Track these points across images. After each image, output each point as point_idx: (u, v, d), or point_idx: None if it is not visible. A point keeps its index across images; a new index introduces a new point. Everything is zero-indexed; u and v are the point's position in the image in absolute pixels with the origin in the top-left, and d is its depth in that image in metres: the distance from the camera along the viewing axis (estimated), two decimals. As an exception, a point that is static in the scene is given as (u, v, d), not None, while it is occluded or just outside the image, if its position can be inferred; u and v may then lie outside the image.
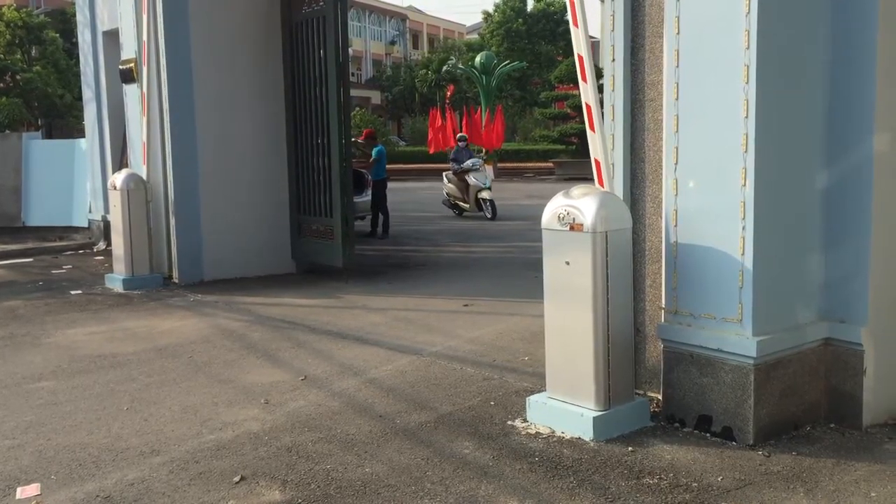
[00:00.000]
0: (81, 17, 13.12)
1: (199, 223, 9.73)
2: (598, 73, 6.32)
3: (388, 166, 14.78)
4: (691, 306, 4.55)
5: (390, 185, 14.75)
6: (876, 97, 4.41)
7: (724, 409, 4.43)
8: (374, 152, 14.34)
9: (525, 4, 49.18)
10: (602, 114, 4.75)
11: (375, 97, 54.02)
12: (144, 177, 9.68)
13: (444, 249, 12.65)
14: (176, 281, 9.68)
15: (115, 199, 9.62)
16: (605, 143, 4.64)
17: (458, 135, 20.11)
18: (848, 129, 4.51)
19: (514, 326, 7.19)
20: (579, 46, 4.77)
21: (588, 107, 4.71)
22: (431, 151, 30.29)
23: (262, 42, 10.06)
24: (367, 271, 10.37)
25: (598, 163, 4.69)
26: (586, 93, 4.74)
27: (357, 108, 36.69)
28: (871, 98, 4.43)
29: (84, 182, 13.84)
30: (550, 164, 32.15)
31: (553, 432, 4.58)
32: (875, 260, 4.51)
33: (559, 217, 4.49)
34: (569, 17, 4.77)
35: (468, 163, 16.99)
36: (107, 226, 11.87)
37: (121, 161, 11.99)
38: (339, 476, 4.10)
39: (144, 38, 9.20)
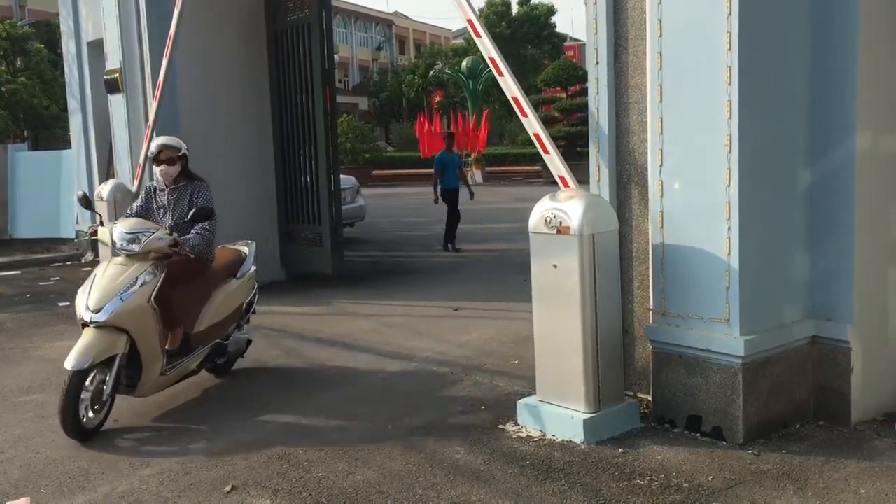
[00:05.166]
0: (66, 28, 13.06)
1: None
2: (584, 77, 6.37)
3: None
4: (679, 307, 4.57)
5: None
6: (857, 96, 4.45)
7: (714, 409, 4.45)
8: None
9: (509, 9, 49.23)
10: (551, 137, 4.88)
11: (363, 103, 53.99)
12: (133, 188, 9.62)
13: (432, 254, 12.63)
14: (164, 291, 9.62)
15: (102, 210, 9.52)
16: (562, 160, 4.73)
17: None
18: (830, 129, 4.55)
19: (503, 330, 7.20)
20: (511, 90, 4.94)
21: (536, 136, 4.84)
22: (423, 156, 30.38)
23: (247, 51, 10.04)
24: (356, 278, 10.35)
25: (562, 178, 4.73)
26: (531, 125, 4.86)
27: (344, 115, 36.62)
28: (852, 97, 4.46)
29: (71, 193, 13.76)
30: (538, 168, 32.16)
31: (544, 435, 4.59)
32: (859, 257, 4.54)
33: (546, 220, 4.50)
34: (493, 70, 5.02)
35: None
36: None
37: (107, 171, 11.94)
38: (331, 484, 4.10)
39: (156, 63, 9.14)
